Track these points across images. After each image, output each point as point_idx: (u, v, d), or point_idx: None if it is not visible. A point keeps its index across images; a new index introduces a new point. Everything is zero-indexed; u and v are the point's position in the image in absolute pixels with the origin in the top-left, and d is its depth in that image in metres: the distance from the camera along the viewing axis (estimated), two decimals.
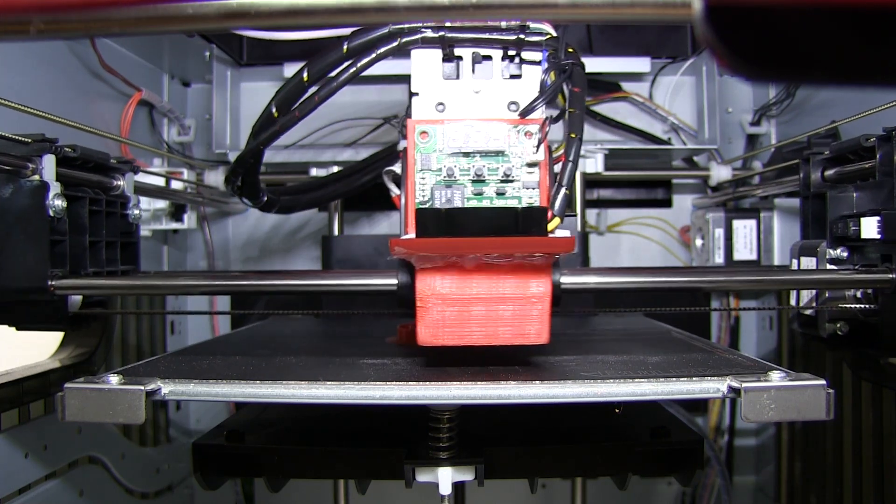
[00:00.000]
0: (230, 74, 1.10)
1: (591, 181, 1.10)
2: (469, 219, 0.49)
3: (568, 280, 0.56)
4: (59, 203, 0.60)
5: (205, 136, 1.13)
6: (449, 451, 0.57)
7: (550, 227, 0.51)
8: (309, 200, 0.90)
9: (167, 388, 0.50)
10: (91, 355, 0.84)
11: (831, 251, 0.62)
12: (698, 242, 1.08)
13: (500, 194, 0.55)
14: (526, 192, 0.55)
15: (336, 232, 1.06)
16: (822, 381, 0.48)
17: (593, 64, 1.06)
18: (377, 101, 1.12)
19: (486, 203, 0.55)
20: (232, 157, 1.08)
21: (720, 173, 1.05)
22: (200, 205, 1.09)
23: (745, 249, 1.02)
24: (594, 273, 0.59)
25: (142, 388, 0.49)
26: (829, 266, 0.62)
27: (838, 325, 0.62)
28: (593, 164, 1.01)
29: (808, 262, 0.65)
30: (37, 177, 0.60)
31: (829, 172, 0.67)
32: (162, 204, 1.00)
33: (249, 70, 1.12)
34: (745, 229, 1.02)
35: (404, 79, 1.10)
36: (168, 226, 1.02)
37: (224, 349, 0.67)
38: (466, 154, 0.55)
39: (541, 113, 0.55)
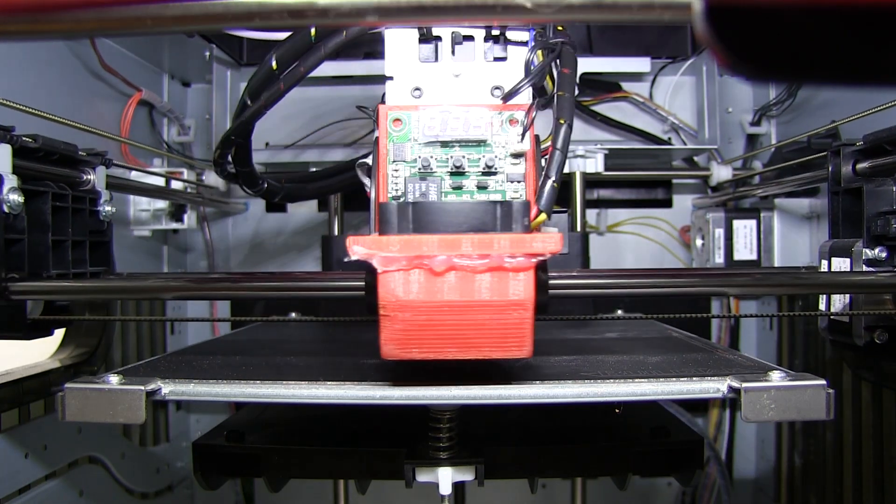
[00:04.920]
0: (230, 74, 1.10)
1: (591, 181, 1.10)
2: (440, 214, 0.43)
3: (556, 284, 0.50)
4: (15, 198, 0.55)
5: (205, 136, 1.13)
6: (449, 451, 0.57)
7: (535, 223, 0.45)
8: (315, 190, 0.86)
9: (167, 388, 0.50)
10: (91, 355, 0.84)
11: (868, 251, 0.57)
12: (698, 242, 1.08)
13: (482, 188, 0.49)
14: (510, 186, 0.50)
15: (336, 232, 1.05)
16: (823, 381, 0.48)
17: (593, 64, 1.06)
18: None
19: (465, 198, 0.49)
20: None
21: (720, 173, 1.05)
22: (200, 205, 1.09)
23: (745, 249, 1.02)
24: (586, 276, 0.54)
25: (142, 388, 0.49)
26: (865, 268, 0.57)
27: (876, 334, 0.57)
28: (593, 163, 1.01)
29: (841, 264, 0.60)
30: None
31: (861, 165, 0.61)
32: (162, 204, 1.00)
33: (249, 70, 1.11)
34: (745, 229, 1.02)
35: None
36: (168, 226, 1.02)
37: (224, 349, 0.67)
38: (444, 143, 0.49)
39: (527, 98, 0.50)
